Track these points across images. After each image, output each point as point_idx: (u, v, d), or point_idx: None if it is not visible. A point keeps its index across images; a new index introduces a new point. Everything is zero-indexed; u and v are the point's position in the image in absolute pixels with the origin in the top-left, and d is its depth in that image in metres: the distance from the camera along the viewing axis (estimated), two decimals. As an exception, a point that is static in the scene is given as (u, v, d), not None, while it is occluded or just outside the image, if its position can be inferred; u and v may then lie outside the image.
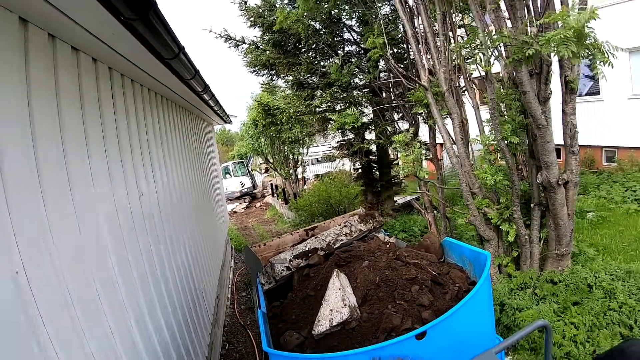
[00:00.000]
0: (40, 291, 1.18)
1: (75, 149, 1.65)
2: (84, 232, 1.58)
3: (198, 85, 3.41)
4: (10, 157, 1.17)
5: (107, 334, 1.59)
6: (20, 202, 1.17)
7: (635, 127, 8.63)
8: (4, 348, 0.99)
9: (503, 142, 3.66)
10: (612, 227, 5.98)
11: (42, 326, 1.14)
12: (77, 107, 1.73)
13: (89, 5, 1.30)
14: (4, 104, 1.19)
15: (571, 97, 3.50)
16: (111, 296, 1.73)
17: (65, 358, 1.22)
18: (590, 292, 3.45)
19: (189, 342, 2.96)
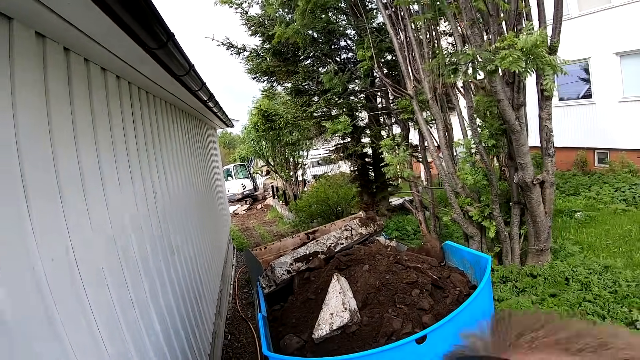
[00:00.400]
0: (83, 264, 1.53)
1: (107, 158, 2.01)
2: (114, 226, 1.94)
3: (204, 95, 3.75)
4: (62, 166, 1.52)
5: (129, 306, 1.93)
6: (70, 201, 1.52)
7: (625, 129, 8.70)
8: (64, 299, 1.33)
9: (481, 145, 4.02)
10: (599, 226, 6.21)
11: (83, 289, 1.49)
12: (106, 123, 2.07)
13: (122, 38, 1.65)
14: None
15: (546, 104, 3.82)
16: (134, 278, 2.07)
17: (102, 317, 1.56)
18: (567, 284, 3.73)
19: (195, 327, 3.27)
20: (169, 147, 3.53)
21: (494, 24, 3.66)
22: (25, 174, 1.21)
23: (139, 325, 1.97)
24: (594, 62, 9.12)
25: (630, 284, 3.49)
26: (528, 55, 2.80)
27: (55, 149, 1.44)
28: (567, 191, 8.01)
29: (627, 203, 7.00)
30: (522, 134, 3.62)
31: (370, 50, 4.15)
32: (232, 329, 4.95)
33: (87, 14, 1.29)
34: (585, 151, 9.65)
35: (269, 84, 7.70)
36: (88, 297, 1.47)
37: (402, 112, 4.81)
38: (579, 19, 9.38)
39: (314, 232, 4.06)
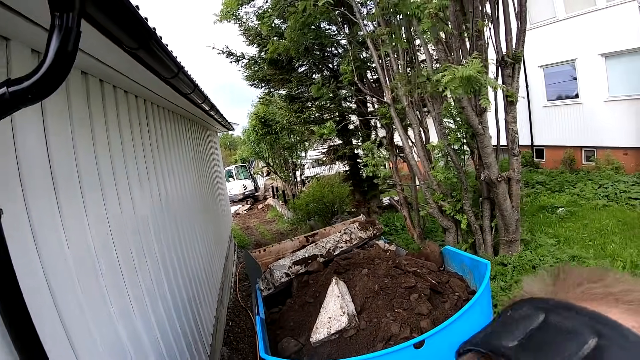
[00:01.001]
0: (119, 243, 1.95)
1: (130, 164, 2.43)
2: (138, 214, 2.36)
3: (198, 98, 4.03)
4: (103, 170, 1.95)
5: (146, 283, 2.35)
6: (109, 194, 1.96)
7: (611, 128, 8.82)
8: (107, 266, 1.75)
9: (449, 147, 4.39)
10: (578, 221, 6.49)
11: (117, 259, 1.91)
12: (117, 134, 2.47)
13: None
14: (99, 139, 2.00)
15: (511, 109, 4.18)
16: (151, 257, 2.49)
17: (127, 289, 1.98)
18: (533, 272, 4.15)
19: (199, 310, 3.64)
20: (177, 153, 3.95)
21: (456, 41, 3.99)
22: (83, 177, 1.69)
23: (156, 295, 2.40)
24: (580, 63, 9.37)
25: None
26: (467, 82, 3.12)
27: (98, 159, 1.89)
28: (552, 188, 8.25)
29: (609, 199, 7.28)
30: (485, 137, 3.97)
31: (350, 64, 4.55)
32: (233, 317, 5.35)
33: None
34: (574, 149, 9.85)
35: (266, 90, 8.15)
36: (119, 261, 1.93)
37: (382, 118, 5.22)
38: (566, 22, 9.64)
39: (313, 235, 4.07)
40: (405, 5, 3.54)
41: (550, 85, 10.17)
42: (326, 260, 3.20)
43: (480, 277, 2.36)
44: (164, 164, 3.25)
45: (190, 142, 5.04)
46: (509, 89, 3.93)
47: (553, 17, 9.78)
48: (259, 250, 3.81)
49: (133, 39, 1.48)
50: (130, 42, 1.49)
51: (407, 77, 4.43)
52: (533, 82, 10.37)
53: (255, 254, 3.69)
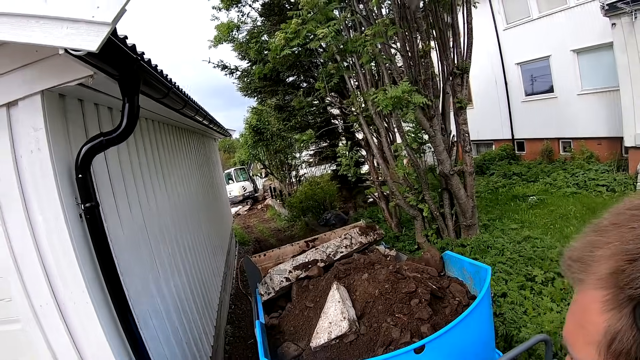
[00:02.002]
0: (149, 226, 2.64)
1: (153, 172, 3.12)
2: (160, 207, 3.06)
3: (190, 111, 4.67)
4: (136, 178, 2.63)
5: (167, 257, 3.03)
6: (141, 194, 2.64)
7: (585, 119, 9.18)
8: (142, 239, 2.44)
9: (408, 147, 4.94)
10: (546, 208, 7.02)
11: (147, 236, 2.60)
12: (144, 152, 3.16)
13: (147, 100, 2.69)
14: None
15: (461, 112, 4.81)
16: (169, 237, 3.17)
17: (155, 257, 2.67)
18: (487, 251, 4.46)
19: (206, 292, 4.21)
20: (183, 160, 4.61)
21: (405, 62, 4.58)
22: (127, 184, 2.36)
23: (173, 268, 3.06)
24: (554, 59, 9.88)
25: (537, 250, 4.32)
26: (397, 100, 3.74)
27: (133, 171, 2.57)
28: (528, 178, 8.71)
29: (579, 187, 7.79)
30: (436, 138, 4.59)
31: (323, 82, 5.27)
32: (235, 301, 5.94)
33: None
34: (551, 141, 10.26)
35: (258, 100, 8.83)
36: (156, 258, 2.59)
37: (354, 125, 5.90)
38: (540, 20, 10.17)
39: (313, 240, 4.08)
40: (349, 46, 4.18)
41: (527, 81, 10.77)
42: (326, 265, 3.17)
43: (480, 282, 2.35)
44: (174, 169, 3.92)
45: (193, 150, 5.69)
46: (458, 96, 4.60)
47: (528, 17, 10.33)
48: (259, 255, 3.81)
49: (160, 94, 2.25)
50: (158, 96, 2.26)
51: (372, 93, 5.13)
52: (511, 79, 10.94)
53: (255, 259, 3.68)
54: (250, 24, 6.66)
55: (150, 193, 2.83)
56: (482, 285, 2.23)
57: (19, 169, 1.50)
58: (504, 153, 10.74)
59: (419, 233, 5.18)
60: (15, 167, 1.51)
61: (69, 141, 1.60)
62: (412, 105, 3.55)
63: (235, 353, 4.31)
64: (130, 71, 1.43)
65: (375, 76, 5.25)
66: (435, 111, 4.48)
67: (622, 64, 7.77)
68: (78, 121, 1.75)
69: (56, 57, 1.34)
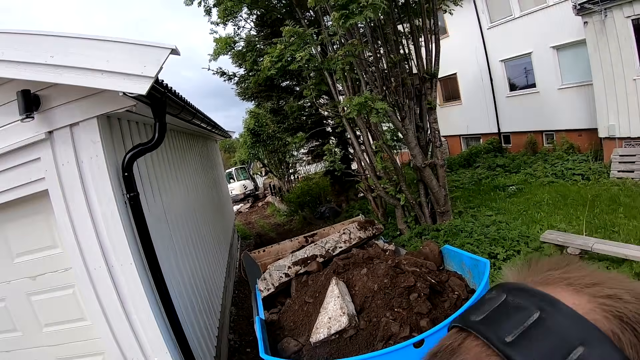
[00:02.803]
0: (170, 214, 3.29)
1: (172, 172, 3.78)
2: (176, 200, 3.71)
3: (197, 120, 5.35)
4: (161, 176, 3.29)
5: (183, 239, 3.69)
6: (164, 189, 3.30)
7: (565, 112, 9.73)
8: (170, 222, 3.12)
9: (384, 144, 5.63)
10: (523, 196, 7.49)
11: (167, 221, 3.26)
12: (166, 157, 3.81)
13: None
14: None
15: (430, 112, 5.43)
16: (184, 224, 3.84)
17: (174, 239, 3.32)
18: (459, 234, 5.12)
19: (213, 278, 4.86)
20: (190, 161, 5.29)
21: (376, 71, 5.21)
22: (159, 180, 3.02)
23: (188, 249, 3.73)
24: (535, 55, 10.39)
25: (501, 232, 4.95)
26: (362, 106, 4.34)
27: (162, 171, 3.22)
28: (511, 170, 9.28)
29: (556, 176, 8.30)
30: (408, 136, 5.21)
31: (310, 89, 5.93)
32: (238, 287, 6.61)
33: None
34: (535, 134, 10.72)
35: (255, 103, 9.50)
36: (173, 238, 3.24)
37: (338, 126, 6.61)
38: (521, 19, 10.67)
39: (312, 235, 4.13)
40: (325, 64, 4.79)
41: (511, 77, 11.36)
42: (325, 260, 3.19)
43: (479, 276, 2.36)
44: (182, 169, 4.58)
45: (197, 152, 6.36)
46: (428, 99, 5.22)
47: (510, 15, 10.86)
48: (258, 251, 3.86)
49: (177, 111, 3.01)
50: (175, 112, 2.98)
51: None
52: (496, 75, 11.51)
53: (254, 255, 3.72)
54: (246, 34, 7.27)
55: (167, 187, 3.48)
56: (481, 278, 2.22)
57: (80, 170, 2.14)
58: (490, 146, 11.30)
59: (400, 220, 5.83)
60: (78, 169, 2.15)
61: (115, 149, 2.23)
62: (374, 111, 4.16)
63: (239, 328, 4.97)
64: (160, 100, 2.05)
65: (357, 82, 5.87)
66: (407, 112, 5.09)
67: (595, 60, 8.34)
68: (119, 134, 2.38)
69: (108, 92, 1.97)
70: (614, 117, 8.14)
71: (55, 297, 2.77)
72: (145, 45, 1.66)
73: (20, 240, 2.70)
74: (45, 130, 2.16)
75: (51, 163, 2.18)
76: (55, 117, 2.14)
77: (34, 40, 1.76)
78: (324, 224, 8.99)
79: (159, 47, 1.66)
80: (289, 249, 3.84)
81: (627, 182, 7.58)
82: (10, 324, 3.02)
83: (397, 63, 4.99)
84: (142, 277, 2.22)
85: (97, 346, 2.77)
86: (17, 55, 1.76)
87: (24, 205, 2.54)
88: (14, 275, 2.82)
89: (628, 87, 7.86)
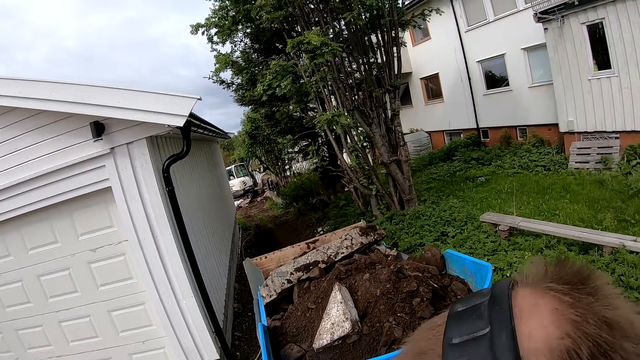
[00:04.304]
0: (186, 206, 4.45)
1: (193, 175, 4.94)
2: (190, 193, 4.87)
3: (205, 131, 6.58)
4: (180, 175, 4.44)
5: (199, 225, 4.86)
6: (183, 186, 4.46)
7: (536, 108, 10.70)
8: (189, 210, 4.29)
9: (357, 145, 6.77)
10: (489, 186, 8.60)
11: (188, 208, 4.43)
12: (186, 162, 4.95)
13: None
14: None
15: (395, 118, 6.57)
16: (199, 213, 5.01)
17: (193, 225, 4.49)
18: (420, 217, 6.31)
19: (220, 259, 6.11)
20: (197, 161, 6.45)
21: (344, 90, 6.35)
22: (182, 178, 4.20)
23: (202, 233, 4.91)
24: (508, 56, 11.36)
25: (453, 214, 6.18)
26: (330, 120, 5.44)
27: (183, 172, 4.39)
28: (484, 162, 10.36)
29: (522, 168, 9.38)
30: (374, 138, 6.39)
31: (294, 105, 7.13)
32: (241, 269, 7.82)
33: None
34: (509, 129, 11.70)
35: (252, 108, 10.68)
36: (193, 222, 4.41)
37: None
38: (495, 23, 11.65)
39: (314, 241, 4.17)
40: (303, 88, 5.85)
41: (486, 76, 12.44)
42: (328, 266, 3.21)
43: (482, 280, 2.37)
44: (194, 169, 5.76)
45: (203, 153, 7.54)
46: (392, 107, 6.37)
47: (485, 20, 11.87)
48: (260, 257, 3.89)
49: (195, 127, 4.08)
50: (194, 128, 4.03)
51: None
52: (474, 75, 12.59)
53: (256, 262, 3.76)
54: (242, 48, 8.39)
55: (186, 183, 4.64)
56: (483, 282, 2.24)
57: (135, 173, 3.30)
58: (469, 141, 12.38)
59: (374, 207, 7.01)
60: (132, 172, 3.31)
61: (156, 158, 3.38)
62: (339, 124, 5.29)
63: (242, 299, 6.18)
64: (188, 123, 3.18)
65: (331, 96, 7.04)
66: (373, 120, 6.23)
67: (555, 62, 9.42)
68: (157, 146, 3.54)
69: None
70: (572, 113, 9.24)
71: (110, 263, 3.93)
72: (182, 97, 2.79)
73: (84, 223, 3.84)
74: (109, 147, 3.31)
75: (113, 168, 3.33)
76: (115, 138, 3.28)
77: (109, 92, 2.90)
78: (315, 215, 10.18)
79: (190, 97, 2.80)
80: (290, 255, 3.86)
81: (582, 172, 8.67)
82: (73, 287, 4.15)
83: (364, 79, 6.12)
84: (176, 243, 3.39)
85: (141, 297, 3.94)
86: (99, 100, 2.90)
87: (86, 198, 3.69)
88: (78, 249, 3.96)
89: (584, 87, 8.94)
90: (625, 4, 8.01)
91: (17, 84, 3.04)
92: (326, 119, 5.30)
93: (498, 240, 5.10)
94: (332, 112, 5.32)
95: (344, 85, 6.18)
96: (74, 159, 3.30)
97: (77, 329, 4.08)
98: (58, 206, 3.65)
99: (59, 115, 3.21)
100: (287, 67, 5.30)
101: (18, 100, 3.05)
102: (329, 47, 4.38)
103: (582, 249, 4.60)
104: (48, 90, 3.03)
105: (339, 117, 5.34)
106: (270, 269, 3.65)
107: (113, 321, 4.03)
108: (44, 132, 3.37)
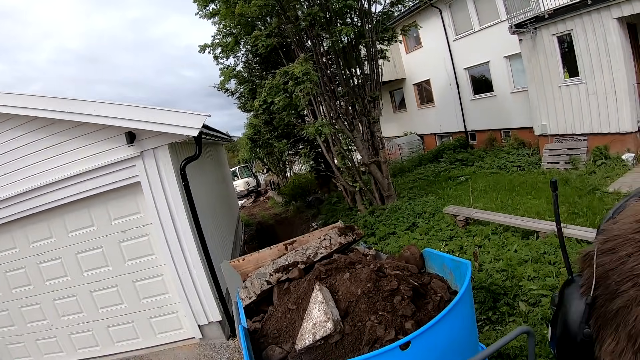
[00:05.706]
0: (199, 201, 5.56)
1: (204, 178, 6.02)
2: (201, 189, 5.97)
3: (209, 137, 7.73)
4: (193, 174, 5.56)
5: (210, 217, 5.95)
6: (197, 183, 5.56)
7: (518, 112, 11.56)
8: (205, 202, 5.41)
9: (341, 148, 7.82)
10: (466, 185, 9.39)
11: (200, 201, 5.55)
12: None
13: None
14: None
15: (375, 124, 7.61)
16: (208, 207, 6.11)
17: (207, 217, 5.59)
18: (397, 211, 7.32)
19: (226, 250, 7.24)
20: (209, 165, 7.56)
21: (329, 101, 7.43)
22: (196, 178, 5.31)
23: (214, 224, 6.01)
24: (492, 64, 12.24)
25: (424, 208, 7.21)
26: (317, 129, 6.46)
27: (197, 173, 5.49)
28: (467, 163, 11.31)
29: (500, 168, 10.20)
30: (356, 142, 7.44)
31: (288, 115, 8.25)
32: None
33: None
34: (494, 132, 12.57)
35: (254, 114, 11.88)
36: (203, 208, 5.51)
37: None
38: (480, 32, 12.56)
39: (292, 242, 4.15)
40: (292, 101, 6.98)
41: (473, 82, 13.41)
42: (307, 267, 3.23)
43: (461, 277, 2.44)
44: (206, 170, 6.88)
45: (212, 156, 8.66)
46: (372, 115, 7.43)
47: (471, 29, 12.82)
48: (238, 260, 3.93)
49: (205, 134, 5.07)
50: (204, 136, 5.07)
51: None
52: (461, 81, 13.55)
53: (234, 264, 3.79)
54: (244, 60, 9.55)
55: (197, 180, 5.74)
56: (462, 280, 2.32)
57: (159, 171, 4.41)
58: (457, 143, 13.32)
59: (359, 203, 8.07)
60: (157, 170, 4.41)
61: (175, 160, 4.49)
62: (323, 133, 6.33)
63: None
64: (200, 133, 4.25)
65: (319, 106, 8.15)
66: (355, 126, 7.29)
67: (529, 70, 10.35)
68: (175, 150, 4.66)
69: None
70: (545, 117, 10.17)
71: (136, 242, 5.00)
72: (195, 114, 3.89)
73: (116, 210, 4.91)
74: (139, 151, 4.41)
75: (142, 167, 4.44)
76: (144, 144, 4.39)
77: (140, 110, 4.01)
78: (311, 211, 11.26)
79: (201, 114, 3.89)
80: (268, 257, 3.89)
81: (552, 171, 9.57)
82: (104, 262, 5.19)
83: (347, 92, 7.19)
84: (190, 224, 4.48)
85: (160, 270, 5.01)
86: (133, 116, 4.01)
87: (119, 190, 4.77)
88: (111, 231, 5.04)
89: (555, 93, 9.88)
90: (590, 16, 8.92)
91: (69, 103, 4.16)
92: (314, 129, 6.39)
93: (456, 229, 6.11)
94: (318, 123, 6.40)
95: (329, 97, 7.27)
96: (111, 159, 4.41)
97: (105, 298, 5.04)
98: (97, 197, 4.74)
99: (98, 126, 4.32)
100: (279, 86, 6.40)
101: (71, 115, 4.17)
102: (308, 76, 5.48)
103: (523, 235, 5.59)
104: (95, 107, 4.15)
105: (322, 127, 6.41)
106: (248, 270, 3.66)
107: (137, 290, 5.07)
108: (87, 138, 4.48)
